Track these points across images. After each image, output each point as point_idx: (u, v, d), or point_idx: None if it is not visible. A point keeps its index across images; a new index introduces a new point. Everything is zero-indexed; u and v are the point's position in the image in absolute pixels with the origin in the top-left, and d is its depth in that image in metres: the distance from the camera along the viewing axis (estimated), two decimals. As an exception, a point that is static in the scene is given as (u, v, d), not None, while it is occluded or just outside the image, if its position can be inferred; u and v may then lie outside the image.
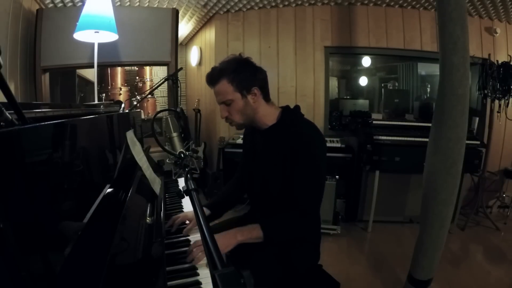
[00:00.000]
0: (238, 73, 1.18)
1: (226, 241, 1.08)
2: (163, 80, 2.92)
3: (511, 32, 3.50)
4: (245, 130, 1.44)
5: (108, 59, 3.01)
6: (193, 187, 0.82)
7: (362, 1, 3.35)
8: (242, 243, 1.11)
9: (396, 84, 4.62)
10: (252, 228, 1.14)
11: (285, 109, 1.29)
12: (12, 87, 2.47)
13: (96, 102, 2.65)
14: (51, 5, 2.95)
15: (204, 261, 0.99)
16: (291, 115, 1.27)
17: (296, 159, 1.16)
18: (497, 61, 3.13)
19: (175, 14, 3.19)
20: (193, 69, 4.38)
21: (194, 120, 3.92)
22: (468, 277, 2.21)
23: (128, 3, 3.14)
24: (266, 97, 1.26)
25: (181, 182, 1.75)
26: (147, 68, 4.48)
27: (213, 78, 1.21)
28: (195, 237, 1.17)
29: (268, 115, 1.26)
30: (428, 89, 4.37)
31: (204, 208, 1.35)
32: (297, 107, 1.30)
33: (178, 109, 2.80)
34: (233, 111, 1.21)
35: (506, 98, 3.09)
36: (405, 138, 2.84)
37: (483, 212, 3.16)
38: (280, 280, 1.18)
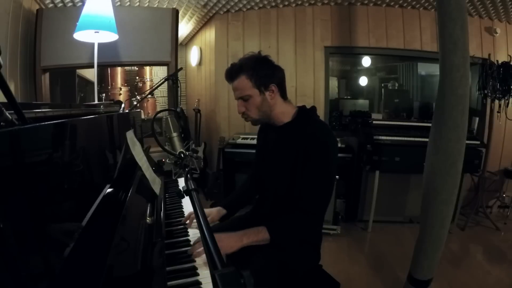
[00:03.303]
0: (257, 69, 1.21)
1: (231, 242, 1.08)
2: (163, 80, 2.92)
3: (511, 32, 3.50)
4: (259, 127, 1.46)
5: (108, 59, 3.01)
6: (193, 187, 0.83)
7: (362, 1, 3.34)
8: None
9: (396, 84, 4.62)
10: (258, 231, 1.13)
11: (302, 109, 1.31)
12: (12, 87, 2.47)
13: (96, 102, 2.65)
14: (51, 5, 2.95)
15: (203, 259, 0.98)
16: (307, 115, 1.28)
17: (307, 160, 1.16)
18: (497, 61, 3.14)
19: (175, 14, 3.19)
20: (193, 69, 4.39)
21: (194, 120, 3.92)
22: (468, 277, 2.21)
23: (128, 3, 3.14)
24: (284, 95, 1.29)
25: (181, 182, 1.75)
26: (147, 68, 4.48)
27: (232, 73, 1.23)
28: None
29: (284, 113, 1.28)
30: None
31: (220, 208, 1.42)
32: (313, 108, 1.32)
33: (178, 109, 2.78)
34: (250, 107, 1.24)
35: (506, 98, 3.09)
36: (405, 138, 2.83)
37: (483, 212, 3.16)
38: (280, 280, 1.17)
